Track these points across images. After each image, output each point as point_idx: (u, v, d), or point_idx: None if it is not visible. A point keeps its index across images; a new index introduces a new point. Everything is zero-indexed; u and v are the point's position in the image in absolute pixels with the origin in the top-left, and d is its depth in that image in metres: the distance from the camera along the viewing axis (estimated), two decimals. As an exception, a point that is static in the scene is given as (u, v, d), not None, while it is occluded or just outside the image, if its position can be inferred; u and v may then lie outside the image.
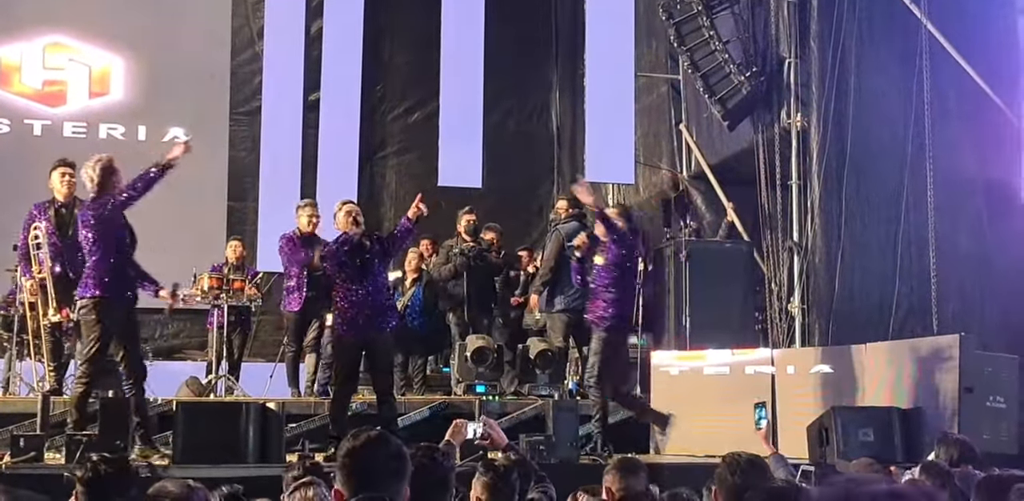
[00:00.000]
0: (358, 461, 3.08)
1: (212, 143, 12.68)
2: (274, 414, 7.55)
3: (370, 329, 7.88)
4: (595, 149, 12.72)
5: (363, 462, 3.07)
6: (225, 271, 10.24)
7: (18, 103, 12.49)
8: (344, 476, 3.09)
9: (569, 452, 8.00)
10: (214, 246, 11.21)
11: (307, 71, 12.80)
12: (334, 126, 12.81)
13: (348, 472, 3.08)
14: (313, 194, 12.58)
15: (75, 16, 12.58)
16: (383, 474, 3.06)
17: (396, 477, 3.07)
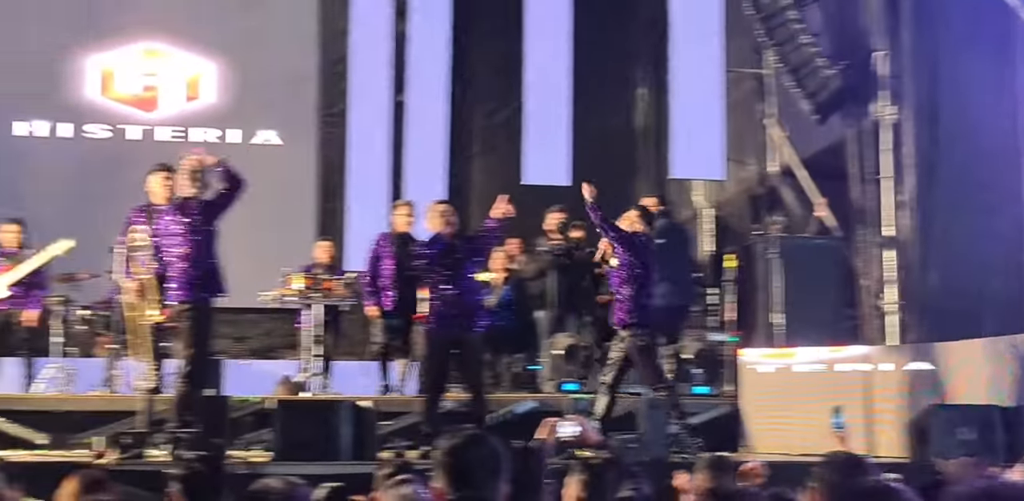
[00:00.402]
0: (457, 460, 3.12)
1: (301, 145, 12.89)
2: (368, 412, 7.65)
3: (461, 328, 7.96)
4: (681, 145, 12.65)
5: (462, 461, 3.11)
6: (316, 271, 10.39)
7: (116, 109, 12.79)
8: (443, 474, 3.14)
9: (661, 450, 7.98)
10: (304, 247, 11.36)
11: (394, 72, 12.90)
12: (420, 127, 12.89)
13: (447, 470, 3.13)
14: (401, 195, 12.71)
15: (170, 23, 12.84)
16: (481, 472, 3.10)
17: (494, 475, 3.11)
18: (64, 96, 12.66)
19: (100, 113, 12.75)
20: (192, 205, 7.57)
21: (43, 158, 12.45)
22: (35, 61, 12.51)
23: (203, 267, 7.54)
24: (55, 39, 12.57)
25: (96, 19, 12.70)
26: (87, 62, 12.71)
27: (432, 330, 8.10)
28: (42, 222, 10.75)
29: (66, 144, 12.61)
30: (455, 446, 3.15)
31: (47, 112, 12.62)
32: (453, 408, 8.49)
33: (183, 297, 7.51)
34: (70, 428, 8.51)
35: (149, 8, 12.86)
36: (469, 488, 3.08)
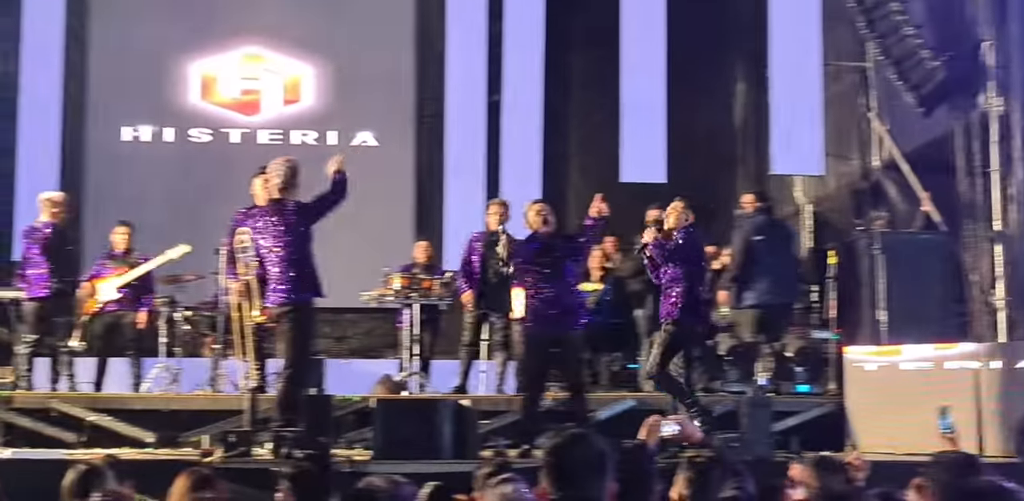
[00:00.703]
0: (561, 459, 3.11)
1: (399, 146, 12.98)
2: (468, 410, 7.67)
3: (560, 327, 7.94)
4: (781, 140, 12.48)
5: (566, 460, 3.10)
6: (414, 271, 10.46)
7: (217, 113, 13.03)
8: (547, 474, 3.13)
9: (764, 449, 7.88)
10: (403, 247, 11.44)
11: (490, 72, 12.93)
12: (516, 126, 12.90)
13: (550, 470, 3.12)
14: (498, 194, 12.73)
15: (269, 27, 13.04)
16: (586, 472, 3.08)
17: (599, 475, 3.08)
18: (168, 101, 12.94)
19: (202, 117, 12.99)
20: (288, 206, 7.65)
21: (148, 162, 12.73)
22: (141, 68, 12.81)
23: (302, 268, 7.63)
24: (159, 46, 12.85)
25: (198, 26, 12.95)
26: (190, 68, 12.96)
27: (530, 329, 8.09)
28: (148, 225, 11.00)
29: (170, 148, 12.88)
30: (558, 445, 3.14)
31: (152, 117, 12.90)
32: (553, 407, 8.47)
33: (285, 298, 7.60)
34: (177, 427, 8.68)
35: (249, 13, 13.06)
36: (573, 488, 3.06)
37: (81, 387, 9.72)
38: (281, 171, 7.73)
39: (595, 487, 3.06)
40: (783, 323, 10.22)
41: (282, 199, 7.70)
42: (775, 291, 9.91)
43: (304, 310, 7.67)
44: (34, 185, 12.24)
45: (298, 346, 7.62)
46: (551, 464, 3.11)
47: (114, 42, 12.87)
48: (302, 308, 7.65)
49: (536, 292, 8.05)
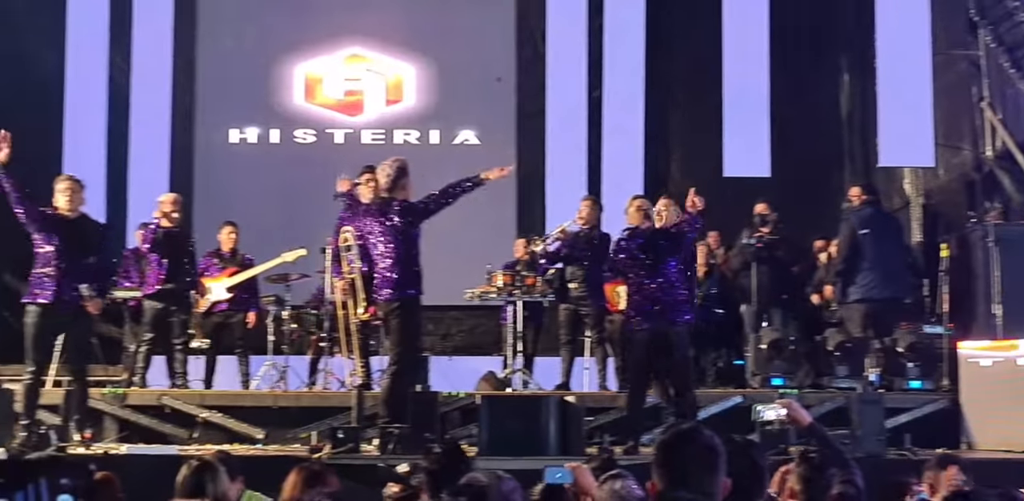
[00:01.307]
0: (670, 455, 3.08)
1: (500, 143, 12.97)
2: (573, 407, 7.65)
3: (663, 322, 7.87)
4: (889, 132, 12.23)
5: (675, 456, 3.07)
6: (517, 268, 10.47)
7: (321, 114, 13.17)
8: (657, 470, 3.09)
9: (876, 446, 7.73)
10: (506, 244, 11.44)
11: (590, 68, 12.88)
12: (618, 121, 12.83)
13: (660, 466, 3.09)
14: (599, 190, 12.67)
15: (371, 28, 13.14)
16: (696, 467, 3.04)
17: (709, 470, 3.04)
18: (274, 103, 13.11)
19: (307, 119, 13.14)
20: (395, 206, 7.71)
21: (255, 163, 12.93)
22: (247, 71, 13.01)
23: (407, 266, 7.68)
24: (265, 49, 13.04)
25: (302, 28, 13.11)
26: (294, 70, 13.13)
27: (633, 325, 8.04)
28: (254, 225, 11.17)
29: (276, 149, 13.06)
30: (668, 441, 3.10)
31: (259, 119, 13.10)
32: (658, 404, 8.41)
33: (391, 295, 7.66)
34: (285, 424, 8.80)
35: (352, 15, 13.18)
36: (683, 484, 3.02)
37: (193, 385, 9.92)
38: (389, 171, 7.79)
39: (707, 483, 3.02)
40: (892, 318, 10.01)
41: (389, 198, 7.76)
42: (883, 285, 9.72)
43: (409, 306, 7.72)
44: (145, 187, 12.54)
45: (405, 342, 7.68)
46: (661, 460, 3.07)
47: (221, 46, 13.10)
48: (407, 304, 7.70)
49: (638, 288, 8.00)
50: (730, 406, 8.90)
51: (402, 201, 7.74)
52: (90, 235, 8.06)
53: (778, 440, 7.27)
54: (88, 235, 8.04)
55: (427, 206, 7.74)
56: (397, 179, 7.77)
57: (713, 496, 3.03)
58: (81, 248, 7.93)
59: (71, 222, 7.99)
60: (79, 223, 8.02)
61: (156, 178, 12.61)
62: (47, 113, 12.50)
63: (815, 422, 4.30)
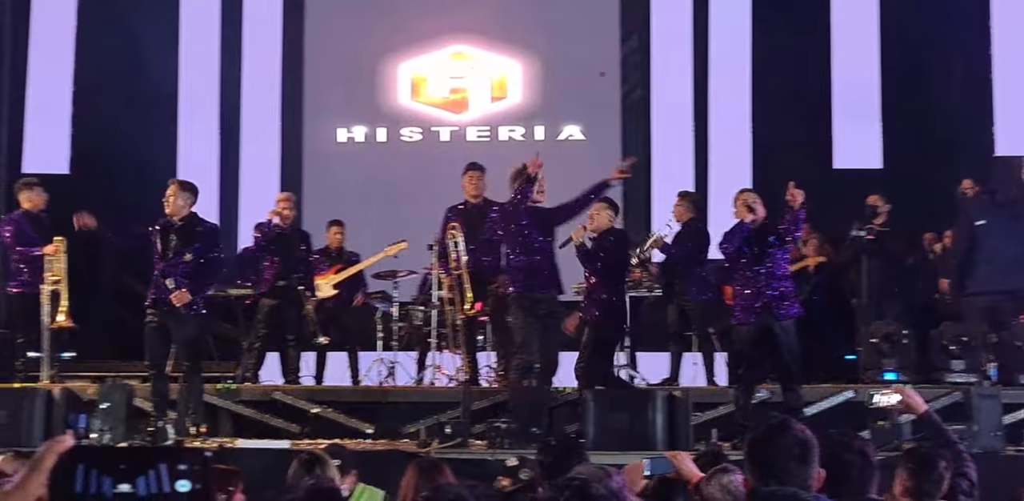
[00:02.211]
0: (760, 449, 3.11)
1: (605, 138, 12.92)
2: (680, 402, 7.60)
3: (769, 316, 7.78)
4: (1006, 120, 11.90)
5: (765, 450, 3.10)
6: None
7: (427, 112, 13.27)
8: (748, 464, 3.14)
9: (992, 442, 7.54)
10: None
11: (696, 60, 12.76)
12: (724, 114, 12.70)
13: (751, 460, 3.13)
14: (706, 184, 12.56)
15: (475, 25, 13.19)
16: (786, 461, 3.06)
17: (801, 463, 3.05)
18: (380, 102, 13.25)
19: (413, 117, 13.24)
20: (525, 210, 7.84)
21: (362, 161, 13.07)
22: (353, 71, 13.17)
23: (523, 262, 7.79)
24: (371, 49, 13.17)
25: (406, 27, 13.21)
26: (399, 68, 13.25)
27: (739, 318, 7.96)
28: (362, 223, 11.31)
29: (382, 148, 13.19)
30: (758, 435, 3.14)
31: (365, 118, 13.25)
32: (767, 399, 8.31)
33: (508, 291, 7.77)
34: (393, 419, 8.88)
35: (455, 13, 13.24)
36: (774, 477, 3.04)
37: (303, 381, 10.07)
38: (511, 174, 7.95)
39: (798, 476, 3.03)
40: (1011, 311, 9.73)
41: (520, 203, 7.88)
42: (1001, 277, 9.46)
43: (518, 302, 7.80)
44: (256, 187, 12.80)
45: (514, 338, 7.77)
46: (752, 454, 3.12)
47: (328, 47, 13.27)
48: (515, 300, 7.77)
49: (744, 282, 7.92)
50: (841, 401, 8.75)
51: (534, 207, 7.85)
52: (189, 236, 8.26)
53: (891, 436, 7.13)
54: (187, 236, 8.24)
55: (557, 215, 7.84)
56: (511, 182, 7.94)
57: (807, 488, 3.03)
58: (179, 249, 8.15)
59: (171, 225, 8.23)
60: (180, 225, 8.24)
61: (267, 178, 12.85)
62: (162, 117, 12.82)
63: (930, 410, 4.22)
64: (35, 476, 2.30)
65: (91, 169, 12.51)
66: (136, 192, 12.32)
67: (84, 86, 12.92)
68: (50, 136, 12.92)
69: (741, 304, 7.93)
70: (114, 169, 12.34)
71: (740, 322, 7.95)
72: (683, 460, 4.16)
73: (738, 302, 8.00)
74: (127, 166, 12.31)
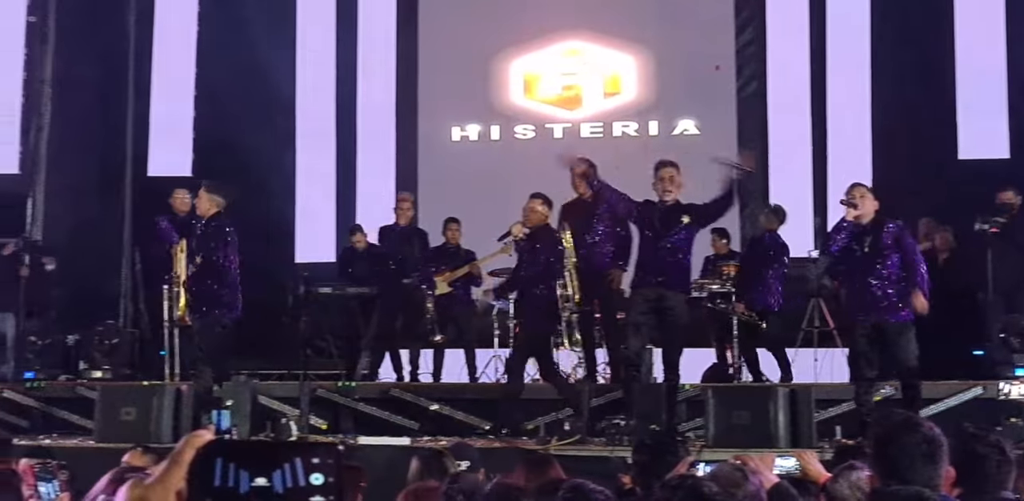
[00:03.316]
0: (885, 447, 3.04)
1: (721, 132, 12.76)
2: (804, 398, 7.48)
3: (882, 315, 7.59)
4: None
5: (891, 448, 3.02)
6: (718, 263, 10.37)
7: (540, 109, 13.27)
8: (873, 462, 3.08)
9: None
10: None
11: (812, 50, 12.53)
12: (843, 106, 12.45)
13: (876, 458, 3.07)
14: (824, 177, 12.33)
15: (587, 22, 13.15)
16: (912, 459, 2.97)
17: (928, 462, 2.97)
18: (493, 101, 13.30)
19: (526, 115, 13.26)
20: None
21: (476, 160, 13.13)
22: (467, 70, 13.24)
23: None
24: (484, 48, 13.23)
25: (518, 25, 13.24)
26: (512, 66, 13.27)
27: (852, 317, 7.78)
28: (477, 221, 11.34)
29: (496, 146, 13.23)
30: (882, 433, 3.08)
31: (479, 117, 13.31)
32: (891, 395, 8.12)
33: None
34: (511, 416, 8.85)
35: (567, 10, 13.23)
36: (900, 475, 2.96)
37: (421, 378, 10.15)
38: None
39: (925, 474, 2.94)
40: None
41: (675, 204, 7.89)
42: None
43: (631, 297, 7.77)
44: (372, 186, 12.95)
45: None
46: (877, 452, 3.05)
47: (441, 46, 13.36)
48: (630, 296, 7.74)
49: (852, 280, 7.75)
50: (970, 398, 8.50)
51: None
52: (199, 238, 8.52)
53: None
54: (198, 238, 8.54)
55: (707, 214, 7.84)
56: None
57: (935, 487, 2.94)
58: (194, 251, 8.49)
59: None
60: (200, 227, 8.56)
61: (382, 178, 12.99)
62: (280, 119, 13.05)
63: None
64: (175, 470, 2.36)
65: (212, 171, 12.78)
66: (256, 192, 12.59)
67: (205, 91, 13.23)
68: (173, 140, 13.26)
69: (853, 302, 7.76)
70: (234, 170, 12.60)
71: (853, 320, 7.77)
72: (810, 460, 4.08)
73: (850, 299, 7.83)
74: (247, 167, 12.57)
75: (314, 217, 13.05)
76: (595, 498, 3.43)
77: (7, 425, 8.68)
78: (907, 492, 2.90)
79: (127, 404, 8.09)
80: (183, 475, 2.31)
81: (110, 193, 12.72)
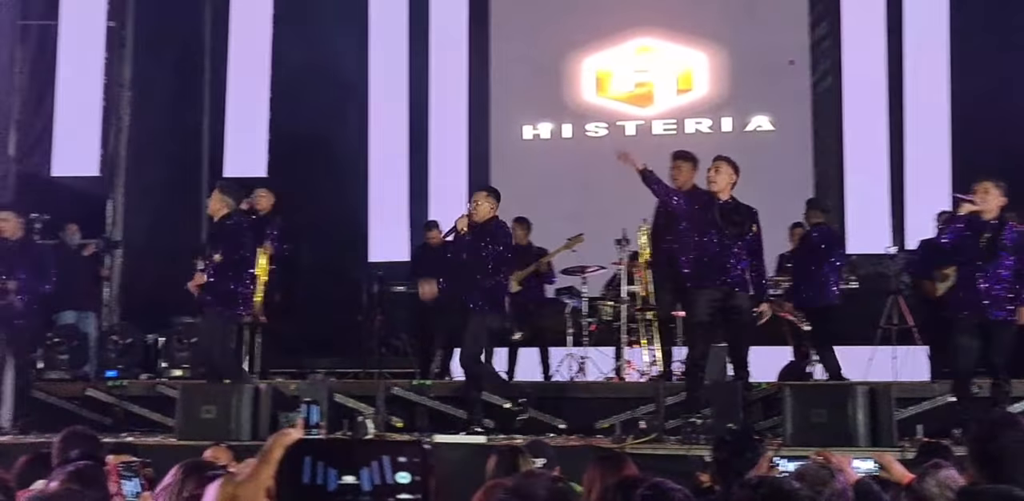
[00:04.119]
0: (985, 445, 2.97)
1: (795, 128, 12.63)
2: (884, 396, 7.37)
3: (986, 313, 7.45)
4: None
5: (989, 446, 2.95)
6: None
7: (612, 107, 13.22)
8: (971, 460, 3.02)
9: None
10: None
11: (889, 46, 12.34)
12: (922, 100, 12.24)
13: (975, 457, 3.03)
14: (902, 174, 12.15)
15: (659, 18, 13.08)
16: (1013, 457, 2.90)
17: None
18: (565, 99, 13.28)
19: (598, 112, 13.22)
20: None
21: (548, 158, 13.11)
22: (538, 68, 13.23)
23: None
24: (555, 46, 13.23)
25: (590, 23, 13.21)
26: (584, 64, 13.25)
27: (960, 313, 7.63)
28: (549, 219, 11.35)
29: (568, 144, 13.21)
30: (980, 431, 3.03)
31: (551, 115, 13.30)
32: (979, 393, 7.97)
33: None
34: (585, 414, 8.86)
35: (638, 7, 13.17)
36: (1001, 474, 2.90)
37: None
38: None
39: None
40: None
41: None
42: None
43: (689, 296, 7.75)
44: (445, 185, 12.99)
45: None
46: (976, 450, 2.97)
47: (512, 45, 13.37)
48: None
49: (965, 276, 7.60)
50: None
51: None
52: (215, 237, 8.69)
53: None
54: (213, 237, 8.74)
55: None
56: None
57: None
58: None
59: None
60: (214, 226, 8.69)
61: (455, 177, 13.04)
62: (353, 119, 13.15)
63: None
64: (265, 468, 2.41)
65: (287, 171, 12.93)
66: (330, 192, 12.71)
67: (280, 92, 13.38)
68: (248, 141, 13.43)
69: (962, 298, 7.62)
70: (309, 170, 12.74)
71: (960, 317, 7.62)
72: (891, 460, 4.02)
73: (960, 298, 7.68)
74: (321, 167, 12.70)
75: (387, 217, 13.14)
76: (674, 497, 3.41)
77: (91, 423, 8.83)
78: (996, 490, 2.85)
79: (207, 402, 8.19)
80: (272, 473, 2.34)
81: (187, 194, 12.91)
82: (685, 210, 7.97)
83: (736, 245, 7.72)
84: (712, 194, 7.81)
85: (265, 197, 10.54)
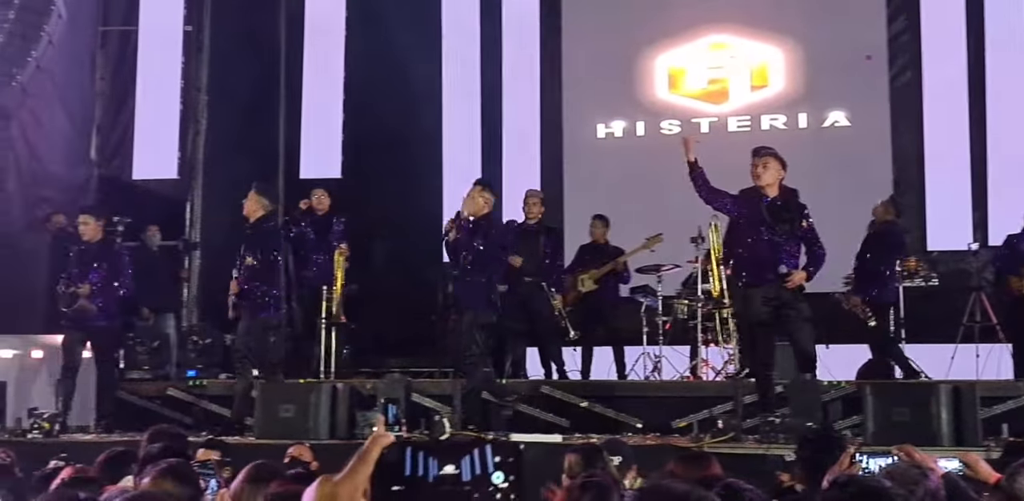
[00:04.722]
0: None
1: (873, 124, 12.43)
2: (968, 395, 7.23)
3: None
4: None
5: None
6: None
7: (685, 104, 13.11)
8: None
9: None
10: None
11: (970, 39, 12.08)
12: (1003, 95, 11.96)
13: None
14: (984, 170, 11.91)
15: (732, 14, 12.94)
16: None
17: None
18: (638, 96, 13.20)
19: (672, 110, 13.11)
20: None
21: (622, 156, 13.04)
22: (611, 66, 13.17)
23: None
24: (628, 44, 13.15)
25: (663, 20, 13.12)
26: (656, 61, 13.16)
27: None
28: (624, 217, 11.30)
29: (642, 142, 13.12)
30: None
31: (624, 113, 13.23)
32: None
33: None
34: (660, 413, 8.81)
35: (711, 3, 13.05)
36: None
37: (570, 375, 10.14)
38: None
39: None
40: None
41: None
42: None
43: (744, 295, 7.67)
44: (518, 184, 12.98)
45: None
46: None
47: (585, 42, 13.33)
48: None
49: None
50: None
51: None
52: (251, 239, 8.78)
53: None
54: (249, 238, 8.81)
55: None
56: None
57: None
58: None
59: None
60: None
61: (528, 176, 13.02)
62: (426, 120, 13.20)
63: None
64: (362, 468, 2.49)
65: (361, 172, 13.01)
66: (403, 192, 12.77)
67: (353, 94, 13.48)
68: (323, 143, 13.54)
69: None
70: (383, 171, 12.82)
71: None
72: (977, 459, 3.94)
73: None
74: (395, 168, 12.77)
75: (461, 216, 13.14)
76: (747, 497, 3.40)
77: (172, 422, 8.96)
78: None
79: (285, 401, 8.26)
80: (369, 472, 2.39)
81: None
82: (729, 210, 7.89)
83: (787, 242, 7.61)
84: (760, 190, 7.71)
85: (324, 197, 10.62)
